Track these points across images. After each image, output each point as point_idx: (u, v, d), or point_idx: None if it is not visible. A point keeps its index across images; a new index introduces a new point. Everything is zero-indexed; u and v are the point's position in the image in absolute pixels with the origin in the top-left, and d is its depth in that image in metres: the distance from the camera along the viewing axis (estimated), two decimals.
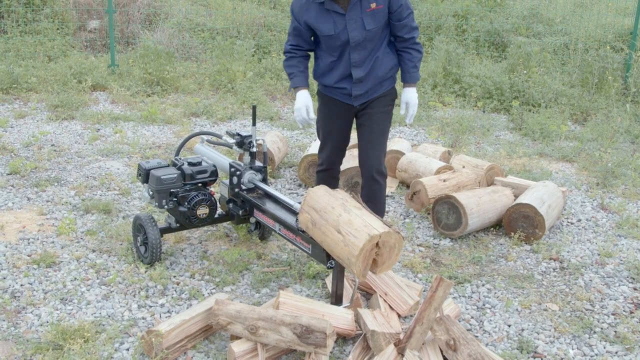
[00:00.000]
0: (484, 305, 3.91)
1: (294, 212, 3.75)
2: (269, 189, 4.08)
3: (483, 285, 4.13)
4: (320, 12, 3.85)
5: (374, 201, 4.17)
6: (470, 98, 8.83)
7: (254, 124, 4.16)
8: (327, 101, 4.18)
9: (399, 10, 3.86)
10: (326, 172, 4.31)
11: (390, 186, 5.70)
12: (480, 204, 4.79)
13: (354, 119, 4.21)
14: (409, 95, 4.08)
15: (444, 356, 3.20)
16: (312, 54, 4.14)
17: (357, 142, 4.29)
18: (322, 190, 3.47)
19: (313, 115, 4.04)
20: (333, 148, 4.24)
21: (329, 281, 3.88)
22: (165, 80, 8.88)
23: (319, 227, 3.32)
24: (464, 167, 5.60)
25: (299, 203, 3.75)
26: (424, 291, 3.99)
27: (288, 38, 4.05)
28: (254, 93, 8.49)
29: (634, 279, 4.31)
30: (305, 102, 3.99)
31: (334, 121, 4.18)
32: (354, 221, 3.18)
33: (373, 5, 3.78)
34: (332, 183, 4.33)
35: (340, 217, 3.23)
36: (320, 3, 3.83)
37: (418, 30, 3.97)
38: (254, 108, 4.12)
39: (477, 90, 8.89)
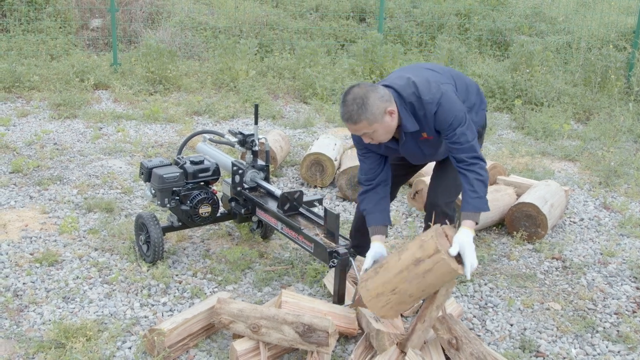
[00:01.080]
0: (486, 304, 3.90)
1: None
2: (272, 188, 4.08)
3: (485, 284, 4.13)
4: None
5: None
6: None
7: (256, 122, 4.16)
8: None
9: (447, 131, 3.26)
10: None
11: None
12: None
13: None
14: (461, 238, 2.99)
15: (446, 355, 3.20)
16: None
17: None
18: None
19: (367, 266, 3.27)
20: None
21: (327, 281, 3.87)
22: (168, 78, 8.88)
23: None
24: None
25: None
26: None
27: (360, 177, 3.53)
28: (256, 92, 8.48)
29: (636, 278, 4.31)
30: (373, 254, 3.29)
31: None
32: None
33: (424, 135, 3.34)
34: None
35: None
36: None
37: (474, 151, 3.23)
38: (256, 107, 4.12)
39: (480, 89, 8.87)
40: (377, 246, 3.31)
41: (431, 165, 5.05)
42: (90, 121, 7.32)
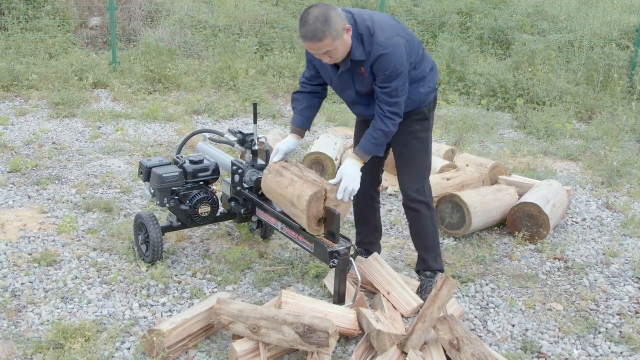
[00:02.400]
0: (487, 305, 3.90)
1: None
2: None
3: (487, 284, 4.13)
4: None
5: (414, 235, 3.89)
6: (474, 96, 8.82)
7: (255, 121, 4.16)
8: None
9: (382, 79, 3.42)
10: (357, 197, 3.93)
11: (394, 185, 5.69)
12: (485, 203, 4.79)
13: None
14: (343, 166, 3.53)
15: (447, 356, 3.20)
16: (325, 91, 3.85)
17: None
18: None
19: (277, 159, 3.80)
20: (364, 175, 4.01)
21: (327, 282, 3.88)
22: (167, 77, 8.88)
23: None
24: (468, 165, 5.60)
25: None
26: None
27: (304, 71, 3.81)
28: (256, 91, 8.48)
29: (639, 278, 4.31)
30: (280, 144, 3.81)
31: (359, 128, 3.92)
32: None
33: (362, 69, 3.46)
34: (364, 209, 4.08)
35: None
36: None
37: (397, 108, 3.45)
38: (254, 106, 4.12)
39: (482, 88, 8.87)
40: (289, 140, 3.80)
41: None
42: (89, 120, 7.32)
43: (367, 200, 4.02)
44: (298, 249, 4.42)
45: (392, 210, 5.28)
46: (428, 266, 3.92)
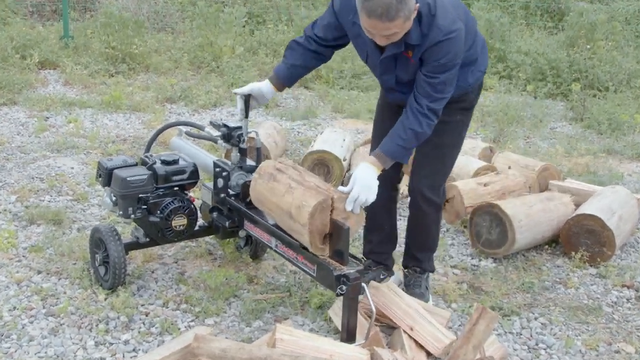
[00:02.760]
0: (537, 344, 3.89)
1: None
2: None
3: (536, 318, 4.12)
4: (360, 31, 3.60)
5: (413, 232, 4.10)
6: (518, 80, 8.82)
7: (246, 116, 4.16)
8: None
9: (431, 67, 3.49)
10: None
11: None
12: (531, 215, 4.78)
13: None
14: (356, 172, 3.55)
15: None
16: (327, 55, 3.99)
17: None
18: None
19: (239, 99, 4.06)
20: (372, 148, 4.10)
21: (333, 313, 3.89)
22: (133, 56, 8.91)
23: None
24: (509, 167, 5.60)
25: None
26: (459, 326, 3.96)
27: (315, 23, 3.91)
28: (244, 73, 8.51)
29: None
30: (254, 83, 4.02)
31: (386, 119, 3.93)
32: None
33: (410, 54, 3.52)
34: (379, 212, 4.12)
35: None
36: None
37: (438, 105, 3.53)
38: (246, 98, 4.10)
39: (527, 70, 8.88)
40: (266, 84, 3.94)
41: (463, 167, 5.18)
42: (34, 109, 7.33)
43: (382, 199, 3.88)
44: (297, 272, 4.42)
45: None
46: (419, 264, 4.15)
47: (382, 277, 3.92)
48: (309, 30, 3.88)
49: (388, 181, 3.95)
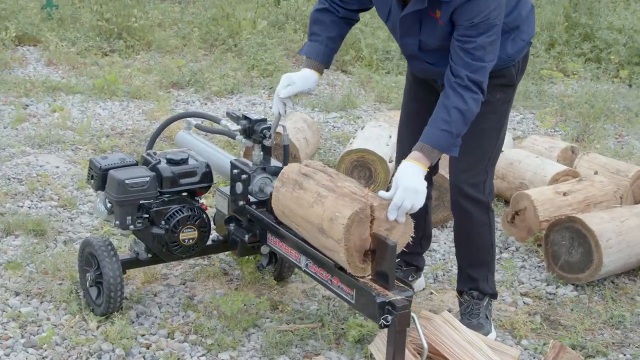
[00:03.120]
0: None
1: None
2: None
3: None
4: None
5: (461, 242, 4.21)
6: (608, 64, 8.77)
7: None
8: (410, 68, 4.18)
9: (465, 27, 3.58)
10: None
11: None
12: (623, 232, 4.77)
13: None
14: (398, 173, 3.60)
15: None
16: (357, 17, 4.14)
17: None
18: None
19: (290, 103, 4.05)
20: (400, 139, 4.24)
21: (375, 349, 3.86)
22: (132, 31, 8.94)
23: None
24: (596, 172, 5.58)
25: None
26: None
27: None
28: (268, 54, 8.51)
29: None
30: (295, 76, 3.99)
31: (414, 100, 4.16)
32: None
33: (438, 14, 3.61)
34: None
35: None
36: None
37: (481, 75, 3.59)
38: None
39: (620, 51, 8.83)
40: (308, 74, 3.96)
41: (537, 172, 5.22)
42: (10, 94, 7.39)
43: None
44: (331, 298, 4.44)
45: None
46: (476, 286, 4.18)
47: (411, 279, 3.98)
48: None
49: None
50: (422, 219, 4.20)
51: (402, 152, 4.11)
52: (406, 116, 4.21)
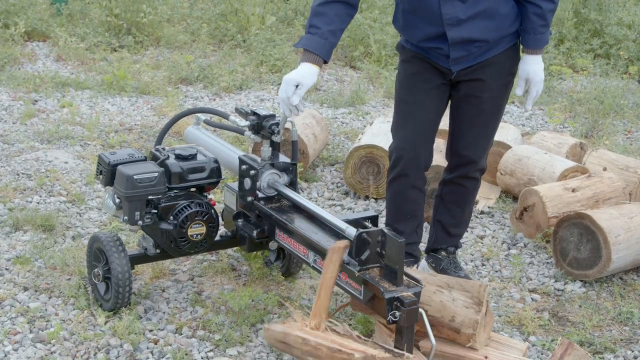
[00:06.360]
0: None
1: (339, 236, 3.76)
2: (300, 199, 4.09)
3: (635, 357, 4.10)
4: None
5: (462, 205, 4.50)
6: (617, 60, 8.75)
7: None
8: (413, 59, 4.20)
9: None
10: (402, 178, 4.28)
11: (489, 197, 5.68)
12: (632, 228, 4.76)
13: (450, 92, 4.25)
14: (532, 68, 4.12)
15: None
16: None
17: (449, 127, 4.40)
18: None
19: (302, 107, 4.04)
20: (415, 132, 4.23)
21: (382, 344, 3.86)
22: (141, 26, 8.94)
23: None
24: (605, 169, 5.57)
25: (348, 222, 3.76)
26: None
27: None
28: (277, 49, 8.51)
29: None
30: (299, 76, 3.99)
31: (420, 91, 4.20)
32: None
33: None
34: (413, 196, 4.37)
35: None
36: None
37: None
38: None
39: (630, 47, 8.81)
40: (312, 70, 3.99)
41: (546, 168, 5.54)
42: (19, 90, 7.40)
43: (417, 181, 4.29)
44: (340, 294, 4.43)
45: (484, 236, 5.28)
46: (455, 242, 4.61)
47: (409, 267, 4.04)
48: None
49: (421, 164, 4.24)
50: (421, 207, 4.43)
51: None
52: (411, 113, 4.25)
